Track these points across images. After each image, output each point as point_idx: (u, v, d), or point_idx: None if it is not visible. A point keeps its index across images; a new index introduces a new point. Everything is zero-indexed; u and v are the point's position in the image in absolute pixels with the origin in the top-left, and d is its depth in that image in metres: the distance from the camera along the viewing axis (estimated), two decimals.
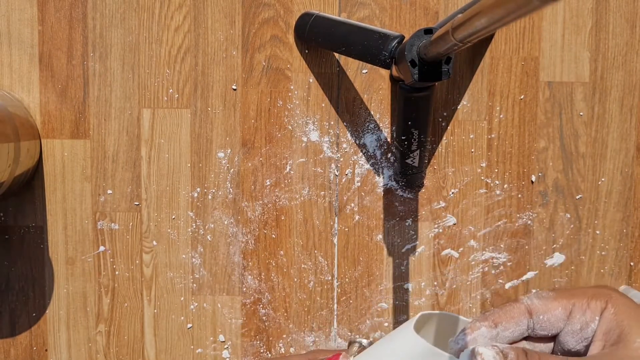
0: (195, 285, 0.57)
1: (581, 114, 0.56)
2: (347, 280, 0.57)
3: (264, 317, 0.57)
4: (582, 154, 0.57)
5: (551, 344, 0.35)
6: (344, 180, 0.56)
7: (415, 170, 0.55)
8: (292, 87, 0.56)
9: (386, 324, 0.57)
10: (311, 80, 0.56)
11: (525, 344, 0.34)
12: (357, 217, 0.57)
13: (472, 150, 0.56)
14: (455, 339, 0.32)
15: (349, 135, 0.56)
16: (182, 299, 0.57)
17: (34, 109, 0.55)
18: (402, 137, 0.52)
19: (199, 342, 0.57)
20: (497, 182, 0.57)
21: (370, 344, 0.42)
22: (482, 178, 0.57)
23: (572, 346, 0.33)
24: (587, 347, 0.33)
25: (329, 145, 0.56)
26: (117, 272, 0.56)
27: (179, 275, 0.57)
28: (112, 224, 0.56)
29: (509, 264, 0.57)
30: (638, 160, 0.57)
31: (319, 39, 0.52)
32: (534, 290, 0.34)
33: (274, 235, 0.57)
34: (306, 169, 0.56)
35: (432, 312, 0.36)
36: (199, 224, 0.56)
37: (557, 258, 0.57)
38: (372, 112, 0.56)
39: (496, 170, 0.57)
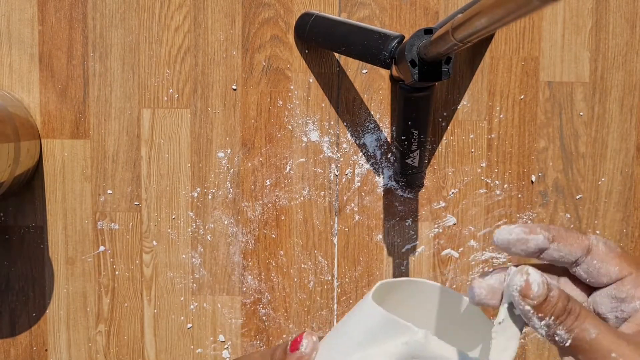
0: (195, 285, 0.57)
1: (581, 114, 0.56)
2: (347, 280, 0.57)
3: (264, 317, 0.57)
4: (582, 154, 0.57)
5: (585, 297, 0.32)
6: (344, 180, 0.56)
7: (415, 170, 0.55)
8: (292, 87, 0.56)
9: None
10: (311, 80, 0.56)
11: (565, 281, 0.32)
12: (357, 217, 0.57)
13: (472, 150, 0.56)
14: (509, 228, 0.30)
15: (349, 135, 0.56)
16: (182, 299, 0.57)
17: (34, 109, 0.55)
18: (402, 137, 0.52)
19: (199, 342, 0.57)
20: (497, 182, 0.57)
21: None
22: (482, 178, 0.57)
23: (604, 311, 0.31)
24: (620, 321, 0.31)
25: (329, 145, 0.56)
26: (117, 272, 0.56)
27: (179, 275, 0.57)
28: (112, 224, 0.56)
29: (509, 263, 0.57)
30: (638, 160, 0.57)
31: (319, 39, 0.52)
32: (599, 235, 0.33)
33: (274, 235, 0.57)
34: (306, 169, 0.56)
35: (393, 279, 0.35)
36: (199, 224, 0.56)
37: None
38: (372, 112, 0.56)
39: (496, 170, 0.57)
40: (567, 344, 0.28)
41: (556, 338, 0.28)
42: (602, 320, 0.28)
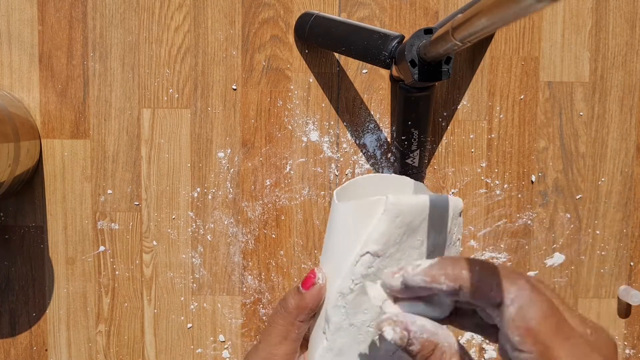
0: (195, 285, 0.57)
1: (581, 113, 0.56)
2: None
3: (264, 317, 0.57)
4: (582, 153, 0.57)
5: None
6: (344, 180, 0.56)
7: (415, 170, 0.55)
8: (292, 87, 0.56)
9: None
10: (311, 80, 0.56)
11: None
12: None
13: (472, 150, 0.56)
14: (412, 274, 0.28)
15: (349, 135, 0.56)
16: (182, 299, 0.57)
17: (34, 108, 0.55)
18: (402, 137, 0.52)
19: (199, 342, 0.57)
20: (497, 182, 0.57)
21: None
22: (482, 178, 0.57)
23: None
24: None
25: (329, 145, 0.56)
26: (117, 272, 0.56)
27: (179, 275, 0.57)
28: (112, 224, 0.56)
29: (509, 264, 0.57)
30: (638, 160, 0.57)
31: (319, 39, 0.52)
32: (524, 290, 0.29)
33: (274, 235, 0.57)
34: (306, 169, 0.56)
35: (347, 182, 0.36)
36: (199, 224, 0.56)
37: (557, 258, 0.57)
38: (372, 112, 0.56)
39: (496, 170, 0.57)
40: None
41: None
42: None
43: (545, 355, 0.26)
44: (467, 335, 0.58)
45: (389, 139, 0.56)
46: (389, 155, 0.56)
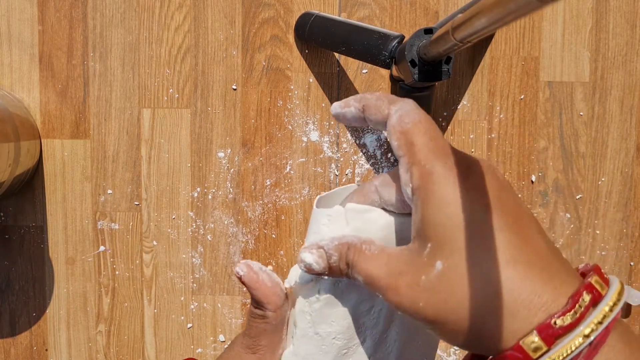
0: (195, 285, 0.57)
1: (581, 113, 0.56)
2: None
3: None
4: (582, 153, 0.57)
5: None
6: (344, 180, 0.56)
7: None
8: (292, 87, 0.56)
9: None
10: (311, 80, 0.56)
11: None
12: None
13: (473, 150, 0.56)
14: (335, 104, 0.32)
15: (349, 135, 0.56)
16: (182, 298, 0.57)
17: (34, 108, 0.55)
18: None
19: (199, 342, 0.57)
20: None
21: None
22: None
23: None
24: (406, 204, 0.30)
25: (329, 145, 0.56)
26: (117, 272, 0.56)
27: (179, 275, 0.57)
28: (112, 224, 0.56)
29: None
30: (638, 160, 0.57)
31: (319, 39, 0.52)
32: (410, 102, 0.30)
33: (274, 235, 0.57)
34: (306, 169, 0.56)
35: (329, 192, 0.36)
36: (199, 223, 0.56)
37: None
38: None
39: None
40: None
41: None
42: (384, 246, 0.28)
43: (411, 152, 0.27)
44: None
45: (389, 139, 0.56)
46: (389, 155, 0.56)
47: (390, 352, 0.33)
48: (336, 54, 0.55)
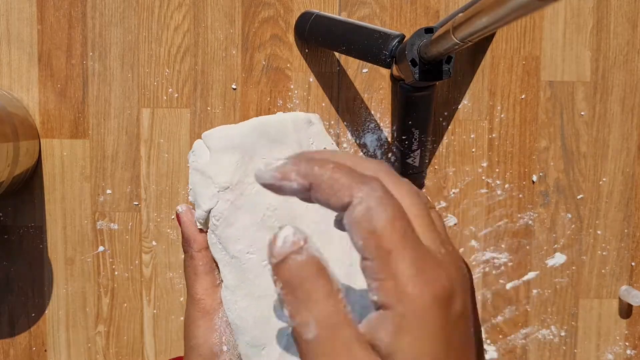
0: None
1: (582, 113, 0.56)
2: None
3: None
4: (584, 153, 0.56)
5: None
6: None
7: (416, 170, 0.54)
8: (292, 87, 0.55)
9: None
10: (311, 80, 0.55)
11: None
12: None
13: (473, 150, 0.56)
14: (264, 170, 0.24)
15: (349, 135, 0.56)
16: (181, 299, 0.57)
17: (33, 108, 0.55)
18: (403, 137, 0.52)
19: None
20: (498, 182, 0.56)
21: None
22: (483, 178, 0.56)
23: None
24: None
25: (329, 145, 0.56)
26: (116, 273, 0.56)
27: (178, 275, 0.56)
28: (112, 224, 0.56)
29: (510, 264, 0.57)
30: (639, 160, 0.57)
31: (319, 38, 0.52)
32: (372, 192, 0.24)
33: None
34: None
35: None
36: None
37: (558, 258, 0.57)
38: (372, 112, 0.56)
39: (497, 170, 0.56)
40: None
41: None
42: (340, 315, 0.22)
43: (385, 262, 0.22)
44: None
45: (389, 139, 0.56)
46: (390, 155, 0.56)
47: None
48: (336, 54, 0.55)
